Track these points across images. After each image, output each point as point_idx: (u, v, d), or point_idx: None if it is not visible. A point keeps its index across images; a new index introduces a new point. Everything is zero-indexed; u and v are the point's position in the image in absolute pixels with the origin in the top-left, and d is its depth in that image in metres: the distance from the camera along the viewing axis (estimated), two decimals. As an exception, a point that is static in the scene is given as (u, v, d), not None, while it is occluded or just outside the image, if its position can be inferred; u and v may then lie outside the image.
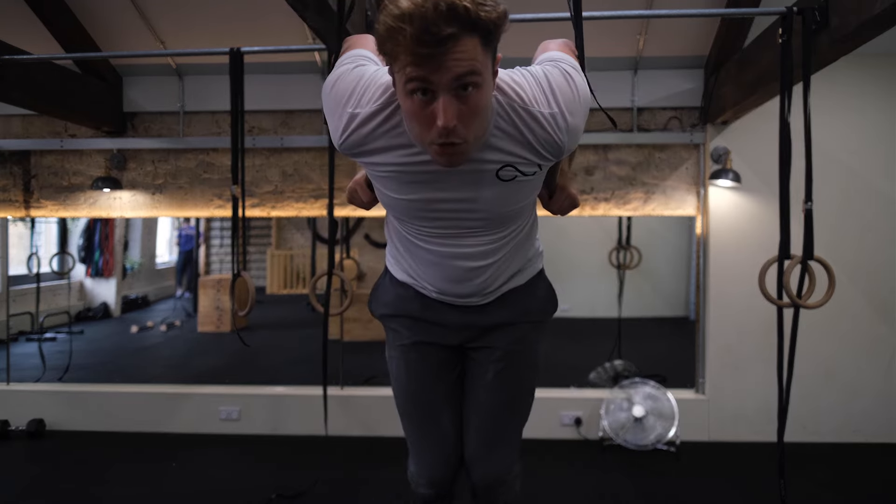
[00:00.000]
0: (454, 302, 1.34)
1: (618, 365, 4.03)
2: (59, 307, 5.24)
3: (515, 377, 1.41)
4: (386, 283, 1.43)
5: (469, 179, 1.09)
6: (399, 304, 1.39)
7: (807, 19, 1.97)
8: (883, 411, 3.38)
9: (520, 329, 1.39)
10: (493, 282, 1.30)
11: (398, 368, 1.41)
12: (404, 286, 1.37)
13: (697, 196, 3.42)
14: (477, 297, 1.32)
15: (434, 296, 1.34)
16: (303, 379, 3.70)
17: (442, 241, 1.22)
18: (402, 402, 1.43)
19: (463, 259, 1.24)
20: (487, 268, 1.26)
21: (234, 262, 2.53)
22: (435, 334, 1.38)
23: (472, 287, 1.29)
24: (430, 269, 1.29)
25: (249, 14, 3.13)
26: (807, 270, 2.04)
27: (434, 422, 1.41)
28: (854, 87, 3.34)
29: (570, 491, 2.82)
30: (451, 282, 1.28)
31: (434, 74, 0.87)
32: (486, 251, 1.23)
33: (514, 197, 1.16)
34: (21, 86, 2.78)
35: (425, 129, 0.94)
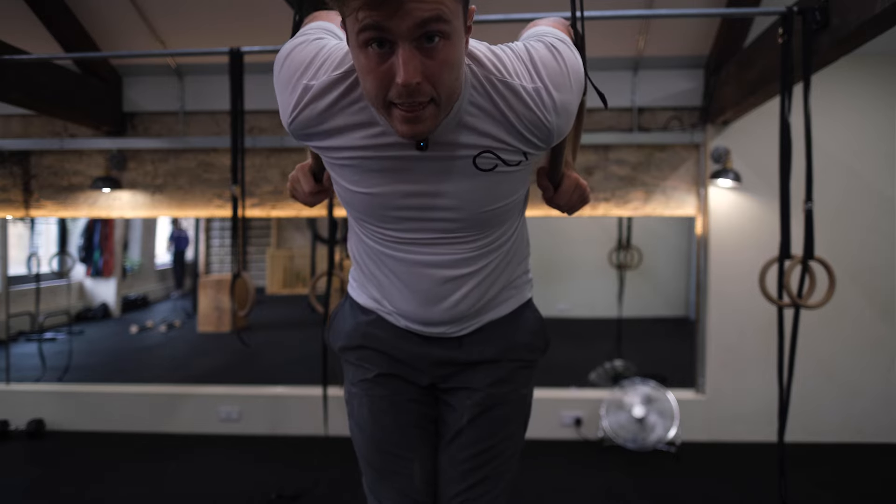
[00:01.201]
0: (426, 332, 1.12)
1: (618, 365, 4.03)
2: (59, 307, 5.24)
3: (496, 424, 1.15)
4: (346, 311, 1.20)
5: (441, 168, 0.92)
6: (360, 333, 1.16)
7: (807, 19, 1.97)
8: (883, 411, 3.38)
9: (503, 368, 1.16)
10: (471, 305, 1.09)
11: (359, 407, 1.16)
12: (367, 312, 1.15)
13: (697, 196, 3.42)
14: (452, 325, 1.11)
15: (402, 324, 1.12)
16: (303, 379, 3.70)
17: (411, 248, 1.03)
18: (364, 448, 1.17)
19: (435, 269, 1.03)
20: (463, 283, 1.06)
21: (234, 263, 2.53)
22: (403, 369, 1.15)
23: (445, 310, 1.07)
24: (397, 287, 1.08)
25: (249, 14, 3.13)
26: (807, 270, 2.04)
27: (402, 472, 1.15)
28: (854, 87, 3.34)
29: (570, 491, 2.82)
30: (422, 302, 1.07)
31: (391, 20, 0.72)
32: (462, 260, 1.04)
33: (494, 192, 0.98)
34: (21, 86, 2.78)
35: (382, 87, 0.78)
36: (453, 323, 1.10)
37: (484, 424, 1.14)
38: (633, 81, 3.39)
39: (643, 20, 3.05)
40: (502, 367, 1.16)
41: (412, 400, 1.16)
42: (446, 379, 1.15)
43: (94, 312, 5.74)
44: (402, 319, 1.11)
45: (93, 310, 5.74)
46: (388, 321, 1.13)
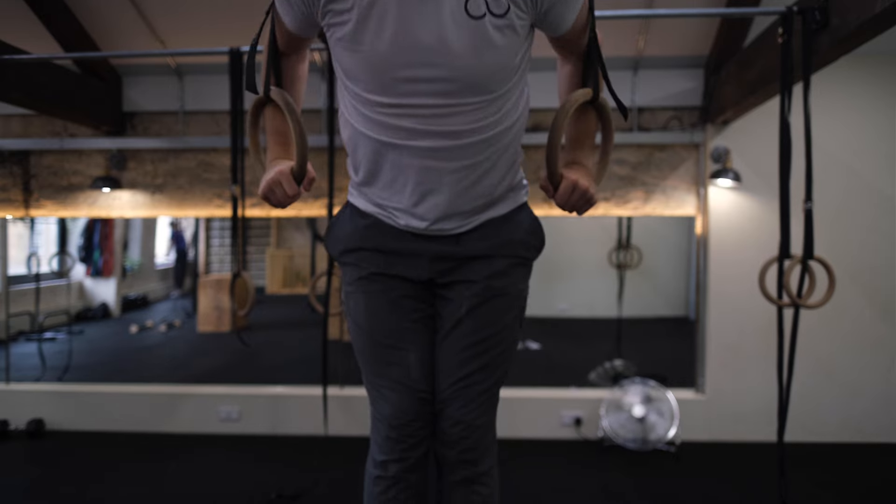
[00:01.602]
0: (424, 230, 1.16)
1: (618, 365, 4.03)
2: (59, 307, 5.24)
3: (495, 314, 1.20)
4: (345, 216, 1.25)
5: (435, 10, 0.98)
6: (359, 236, 1.21)
7: (807, 19, 1.97)
8: (883, 411, 3.38)
9: (501, 262, 1.20)
10: (470, 190, 1.13)
11: (356, 305, 1.22)
12: (366, 216, 1.21)
13: (697, 196, 3.42)
14: (450, 220, 1.15)
15: (402, 223, 1.17)
16: (303, 379, 3.70)
17: (410, 121, 1.07)
18: (362, 343, 1.22)
19: (436, 139, 1.08)
20: (463, 154, 1.10)
21: (234, 262, 2.53)
22: (401, 266, 1.19)
23: (445, 195, 1.12)
24: (397, 177, 1.12)
25: (249, 13, 3.12)
26: (807, 270, 2.04)
27: (398, 363, 1.20)
28: (854, 87, 3.34)
29: (569, 490, 2.82)
30: (422, 188, 1.11)
31: None
32: (463, 132, 1.08)
33: (485, 47, 1.01)
34: (20, 86, 2.78)
35: None
36: (452, 218, 1.15)
37: (483, 314, 1.19)
38: (633, 81, 3.39)
39: (643, 20, 3.06)
40: (500, 261, 1.20)
41: (407, 296, 1.20)
42: (445, 274, 1.19)
43: (93, 312, 5.74)
44: (402, 217, 1.15)
45: (93, 309, 5.74)
46: (387, 223, 1.18)
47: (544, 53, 1.44)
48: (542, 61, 3.43)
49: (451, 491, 1.26)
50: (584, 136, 1.23)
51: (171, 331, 5.78)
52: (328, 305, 2.56)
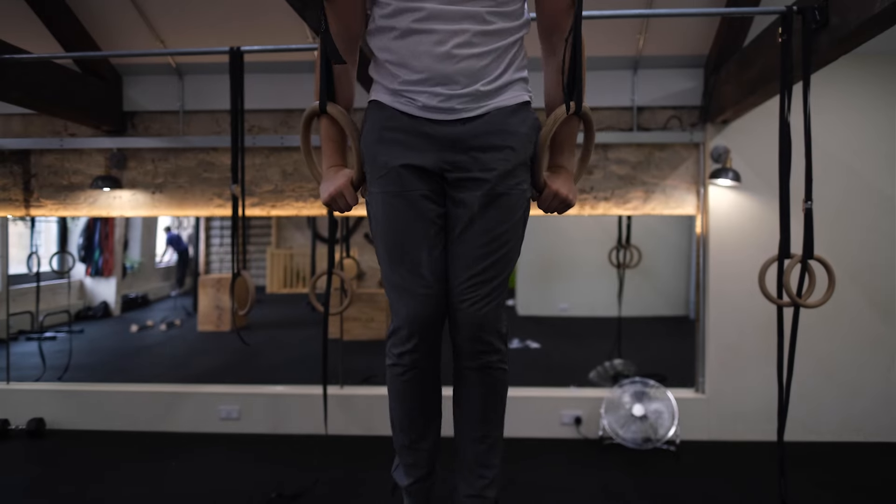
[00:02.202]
0: (438, 106, 1.28)
1: (617, 364, 4.04)
2: (59, 306, 5.24)
3: (505, 212, 1.33)
4: (368, 114, 1.40)
5: None
6: (379, 127, 1.34)
7: (807, 19, 1.97)
8: (883, 410, 3.38)
9: (507, 160, 1.31)
10: (482, 70, 1.26)
11: (375, 205, 1.35)
12: (384, 108, 1.34)
13: (697, 195, 3.42)
14: (462, 98, 1.26)
15: (420, 104, 1.28)
16: (303, 378, 3.70)
17: (430, 3, 1.22)
18: (381, 239, 1.36)
19: (454, 21, 1.22)
20: (477, 38, 1.24)
21: (234, 262, 2.53)
22: (414, 153, 1.30)
23: (460, 73, 1.24)
24: (417, 57, 1.25)
25: (249, 13, 3.13)
26: (807, 270, 2.04)
27: (411, 263, 1.33)
28: (854, 86, 3.34)
29: (569, 490, 2.82)
30: (439, 66, 1.23)
31: None
32: (477, 13, 1.23)
33: None
34: (21, 85, 2.78)
35: None
36: (463, 97, 1.26)
37: (493, 214, 1.31)
38: (633, 81, 3.39)
39: (643, 20, 3.06)
40: (506, 155, 1.30)
41: (423, 196, 1.31)
42: (455, 167, 1.30)
43: (94, 311, 5.75)
44: (420, 96, 1.27)
45: (93, 309, 5.75)
46: (404, 111, 1.30)
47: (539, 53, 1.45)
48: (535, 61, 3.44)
49: (468, 374, 1.42)
50: (567, 140, 1.38)
51: (171, 330, 5.79)
52: (328, 305, 2.56)
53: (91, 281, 5.73)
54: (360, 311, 4.91)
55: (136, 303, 6.22)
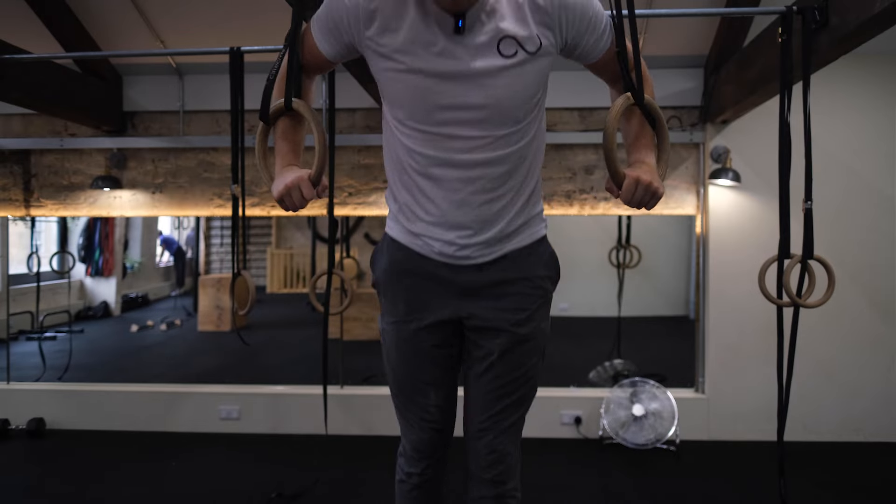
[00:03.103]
0: (453, 255, 1.27)
1: (617, 364, 4.03)
2: (60, 306, 5.24)
3: (522, 359, 1.33)
4: (383, 248, 1.39)
5: (473, 50, 1.13)
6: (395, 269, 1.34)
7: (807, 19, 1.97)
8: (883, 410, 3.38)
9: (524, 302, 1.31)
10: (495, 217, 1.24)
11: (389, 344, 1.38)
12: (401, 248, 1.33)
13: (697, 195, 3.42)
14: (478, 246, 1.25)
15: (436, 251, 1.27)
16: (303, 378, 3.70)
17: (445, 150, 1.20)
18: (391, 378, 1.41)
19: (467, 168, 1.21)
20: (490, 182, 1.22)
21: (234, 262, 2.53)
22: (431, 304, 1.31)
23: (473, 221, 1.23)
24: (431, 203, 1.24)
25: (249, 13, 3.13)
26: (807, 269, 2.04)
27: (420, 401, 1.38)
28: (854, 86, 3.34)
29: (569, 489, 2.82)
30: (452, 215, 1.23)
31: None
32: (491, 160, 1.21)
33: (513, 81, 1.15)
34: (21, 85, 2.78)
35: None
36: (478, 245, 1.25)
37: (512, 360, 1.31)
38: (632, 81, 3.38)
39: (643, 19, 3.05)
40: (524, 302, 1.30)
41: (435, 345, 1.34)
42: (472, 315, 1.30)
43: (94, 311, 5.74)
44: (436, 244, 1.26)
45: (93, 309, 5.75)
46: (421, 254, 1.29)
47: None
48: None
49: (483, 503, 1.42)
50: (640, 136, 1.35)
51: (171, 330, 5.79)
52: (328, 305, 2.56)
53: (91, 281, 5.73)
54: (360, 311, 4.90)
55: (136, 303, 6.22)
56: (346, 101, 3.34)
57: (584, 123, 3.46)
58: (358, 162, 3.51)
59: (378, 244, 1.42)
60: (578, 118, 3.45)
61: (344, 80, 2.71)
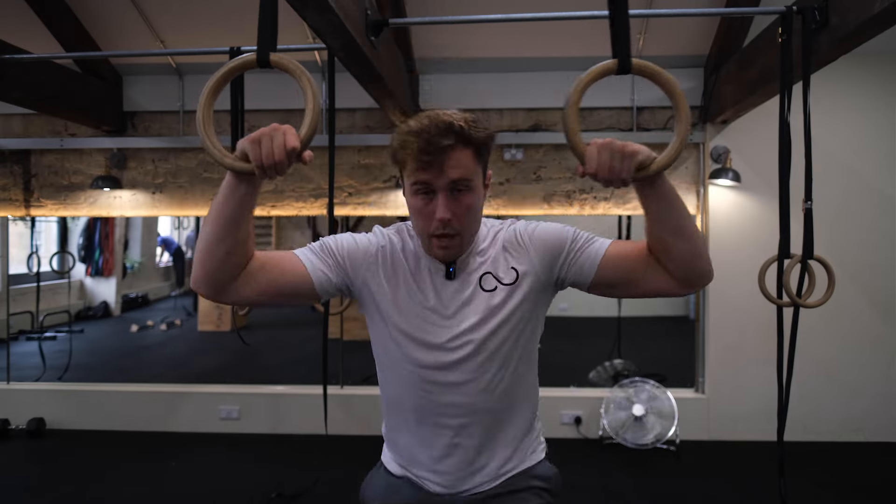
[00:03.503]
0: (449, 490, 1.22)
1: (617, 364, 4.03)
2: (60, 306, 5.24)
3: None
4: (379, 474, 1.34)
5: (459, 290, 1.16)
6: (388, 496, 1.28)
7: (806, 19, 1.97)
8: (883, 410, 3.38)
9: (525, 499, 1.25)
10: (489, 444, 1.20)
11: None
12: (393, 476, 1.29)
13: (697, 195, 3.42)
14: (474, 478, 1.21)
15: (433, 488, 1.23)
16: (302, 378, 3.70)
17: (430, 385, 1.17)
18: None
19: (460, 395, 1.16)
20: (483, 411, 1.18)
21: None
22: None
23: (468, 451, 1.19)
24: (422, 436, 1.21)
25: (249, 13, 3.11)
26: (806, 269, 2.04)
27: None
28: (854, 86, 3.34)
29: (569, 489, 2.81)
30: (444, 446, 1.19)
31: (435, 179, 1.05)
32: (483, 389, 1.16)
33: (495, 312, 1.14)
34: (21, 85, 2.78)
35: (427, 223, 1.08)
36: (475, 476, 1.21)
37: None
38: (633, 81, 3.39)
39: (643, 19, 3.05)
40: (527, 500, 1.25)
41: None
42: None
43: (94, 311, 5.75)
44: (428, 483, 1.23)
45: (93, 309, 5.75)
46: (417, 483, 1.24)
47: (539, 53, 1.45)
48: (543, 61, 3.44)
49: None
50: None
51: (171, 330, 5.79)
52: (328, 305, 2.56)
53: (91, 281, 5.74)
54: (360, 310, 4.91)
55: (136, 303, 6.23)
56: (346, 101, 3.33)
57: (585, 123, 3.46)
58: (358, 162, 3.51)
59: (372, 471, 1.37)
60: (579, 118, 3.45)
61: (344, 81, 2.71)
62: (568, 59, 3.18)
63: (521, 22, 2.39)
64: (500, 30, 2.93)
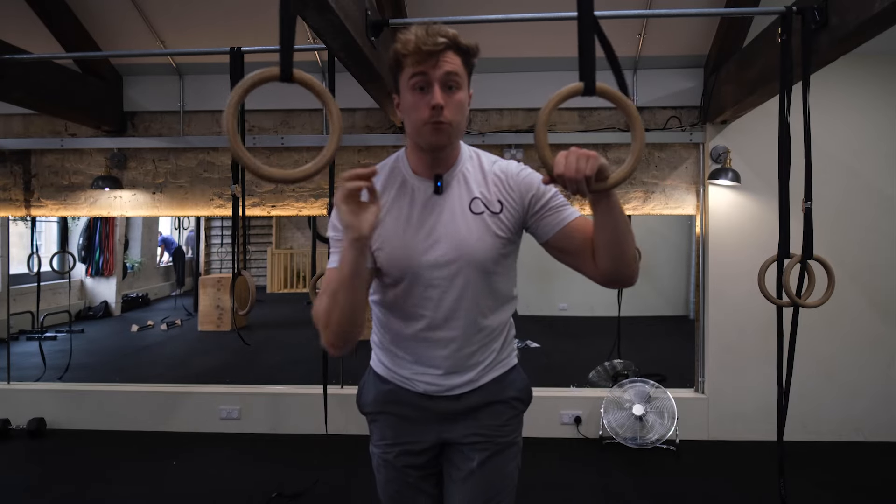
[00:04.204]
0: (435, 392, 1.37)
1: (617, 364, 4.03)
2: (60, 306, 5.24)
3: (500, 467, 1.42)
4: (369, 381, 1.49)
5: (448, 208, 1.29)
6: (381, 400, 1.44)
7: (806, 19, 1.97)
8: (883, 410, 3.38)
9: (498, 417, 1.41)
10: (472, 359, 1.35)
11: (377, 467, 1.48)
12: (386, 382, 1.43)
13: (697, 195, 3.42)
14: (457, 382, 1.36)
15: (420, 388, 1.38)
16: (303, 378, 3.70)
17: (426, 305, 1.30)
18: (382, 495, 1.50)
19: (449, 319, 1.31)
20: (469, 330, 1.32)
21: (235, 262, 2.53)
22: (415, 430, 1.41)
23: (454, 365, 1.34)
24: (414, 350, 1.35)
25: (249, 13, 3.13)
26: (806, 269, 2.04)
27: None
28: (854, 86, 3.34)
29: (569, 489, 2.82)
30: (435, 361, 1.34)
31: (431, 70, 1.19)
32: (467, 309, 1.30)
33: (483, 235, 1.28)
34: (21, 85, 2.78)
35: (422, 113, 1.21)
36: (458, 382, 1.36)
37: (491, 469, 1.41)
38: (633, 81, 3.39)
39: (642, 20, 3.06)
40: (499, 419, 1.41)
41: (421, 465, 1.43)
42: (452, 434, 1.41)
43: (94, 311, 5.75)
44: (419, 385, 1.38)
45: (93, 308, 5.75)
46: (403, 387, 1.40)
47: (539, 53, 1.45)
48: (543, 61, 3.45)
49: None
50: None
51: (171, 330, 5.79)
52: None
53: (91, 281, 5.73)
54: (360, 310, 4.91)
55: (136, 302, 6.23)
56: (346, 102, 3.34)
57: (584, 123, 3.46)
58: (358, 162, 3.52)
59: (363, 379, 1.52)
60: (578, 118, 3.46)
61: (344, 80, 2.71)
62: (568, 59, 3.21)
63: (521, 22, 2.39)
64: (500, 30, 2.93)
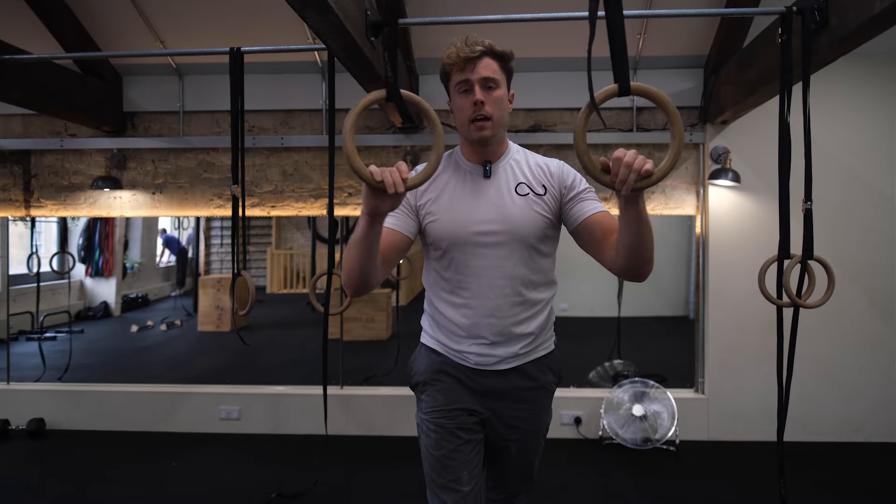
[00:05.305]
0: (483, 365, 1.52)
1: (617, 364, 4.03)
2: (60, 306, 5.24)
3: (536, 446, 1.64)
4: (421, 354, 1.63)
5: (496, 190, 1.48)
6: (433, 370, 1.57)
7: (806, 19, 1.97)
8: (883, 410, 3.38)
9: (535, 402, 1.59)
10: (517, 335, 1.50)
11: (426, 433, 1.58)
12: (438, 354, 1.57)
13: (697, 195, 3.42)
14: (503, 360, 1.51)
15: (472, 362, 1.52)
16: (303, 378, 3.70)
17: (477, 279, 1.46)
18: (429, 462, 1.59)
19: (497, 295, 1.46)
20: (515, 307, 1.48)
21: (235, 262, 2.53)
22: (461, 401, 1.55)
23: (503, 342, 1.49)
24: (465, 324, 1.49)
25: (249, 13, 3.13)
26: (806, 270, 2.04)
27: (453, 482, 1.55)
28: (854, 86, 3.35)
29: (569, 489, 2.82)
30: (486, 336, 1.48)
31: (471, 75, 1.41)
32: (516, 285, 1.47)
33: (528, 214, 1.46)
34: (21, 85, 2.78)
35: (467, 112, 1.42)
36: (504, 359, 1.52)
37: (525, 448, 1.62)
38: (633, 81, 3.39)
39: (642, 20, 3.06)
40: (536, 404, 1.60)
41: (467, 429, 1.55)
42: (496, 413, 1.56)
43: (94, 311, 5.74)
44: (470, 357, 1.52)
45: (93, 309, 5.75)
46: (454, 361, 1.55)
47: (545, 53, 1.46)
48: (543, 61, 3.44)
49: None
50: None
51: (171, 330, 5.79)
52: (328, 305, 2.56)
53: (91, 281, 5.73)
54: (359, 311, 4.90)
55: (136, 303, 6.22)
56: (347, 101, 3.32)
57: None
58: (358, 162, 3.51)
59: (414, 353, 1.67)
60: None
61: (344, 80, 2.71)
62: (568, 59, 3.20)
63: (521, 22, 2.39)
64: (500, 30, 2.93)
